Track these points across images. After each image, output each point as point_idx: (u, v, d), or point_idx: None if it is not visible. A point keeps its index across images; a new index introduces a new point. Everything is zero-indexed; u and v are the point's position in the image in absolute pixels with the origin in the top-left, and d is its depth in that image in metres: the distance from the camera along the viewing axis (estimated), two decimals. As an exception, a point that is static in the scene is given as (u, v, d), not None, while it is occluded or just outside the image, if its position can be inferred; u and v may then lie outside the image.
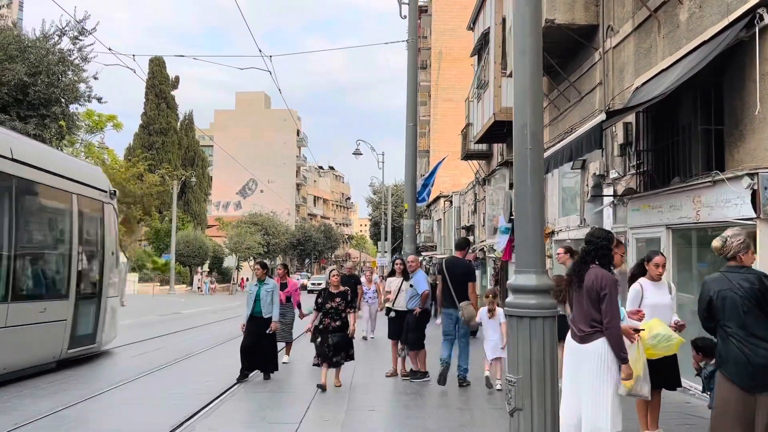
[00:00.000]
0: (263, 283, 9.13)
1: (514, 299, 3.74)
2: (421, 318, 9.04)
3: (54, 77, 17.99)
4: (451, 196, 33.56)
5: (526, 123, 3.80)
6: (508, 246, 17.69)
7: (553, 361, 3.62)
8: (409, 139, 15.36)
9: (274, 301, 9.11)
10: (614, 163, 11.14)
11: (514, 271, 3.88)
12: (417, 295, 8.99)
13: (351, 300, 8.46)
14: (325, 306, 8.28)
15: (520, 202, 3.86)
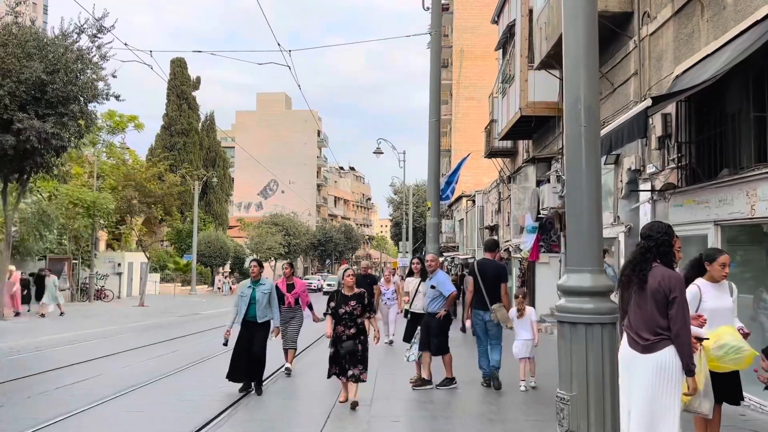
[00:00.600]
0: (258, 284, 8.09)
1: (566, 303, 3.20)
2: (445, 321, 8.47)
3: (72, 75, 17.75)
4: (473, 195, 32.92)
5: (579, 96, 3.26)
6: (535, 246, 17.06)
7: (614, 376, 3.08)
8: (432, 135, 14.82)
9: (273, 304, 8.15)
10: (651, 157, 10.50)
11: (565, 270, 3.34)
12: (440, 297, 8.39)
13: (368, 304, 7.32)
14: (337, 311, 7.16)
15: (573, 190, 3.32)
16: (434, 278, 8.52)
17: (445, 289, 8.40)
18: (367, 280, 12.53)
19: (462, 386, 8.42)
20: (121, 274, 36.98)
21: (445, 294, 8.37)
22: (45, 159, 18.60)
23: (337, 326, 7.16)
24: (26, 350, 12.27)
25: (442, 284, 8.44)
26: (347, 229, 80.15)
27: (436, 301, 8.42)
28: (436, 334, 8.34)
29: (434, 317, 8.36)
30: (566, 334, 3.14)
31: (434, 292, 8.43)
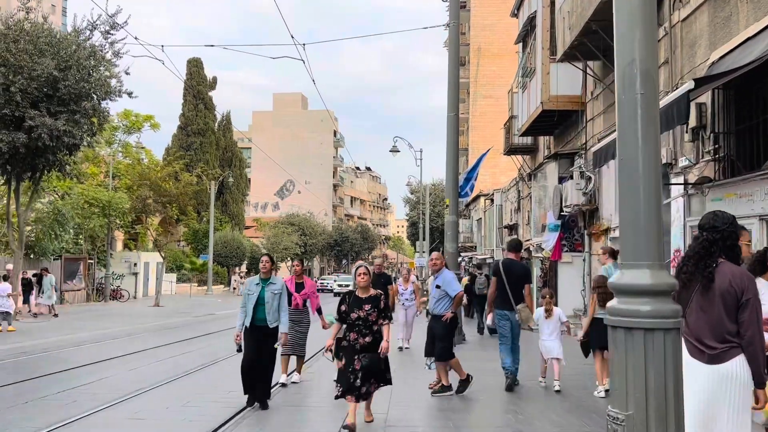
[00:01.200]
0: (268, 283, 7.04)
1: (619, 304, 2.69)
2: (451, 324, 7.88)
3: (84, 72, 17.51)
4: (491, 194, 32.29)
5: (634, 58, 2.76)
6: (558, 245, 16.48)
7: (678, 391, 2.56)
8: (450, 129, 14.31)
9: (283, 307, 7.05)
10: (684, 150, 9.90)
11: (619, 264, 2.84)
12: (446, 298, 7.83)
13: (384, 308, 6.17)
14: (350, 316, 6.06)
15: (626, 169, 2.82)
16: (439, 277, 8.00)
17: (451, 289, 7.84)
18: (380, 279, 11.51)
19: (484, 393, 7.92)
20: (137, 274, 36.90)
21: (451, 294, 7.82)
22: (57, 157, 18.39)
23: (348, 333, 6.08)
24: (34, 352, 11.97)
25: (448, 284, 7.87)
26: (363, 230, 79.75)
27: (441, 302, 7.86)
28: (440, 337, 7.80)
29: (439, 320, 7.80)
30: (620, 342, 2.63)
31: (440, 292, 7.89)
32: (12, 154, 16.92)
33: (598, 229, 14.38)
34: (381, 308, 6.14)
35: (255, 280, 7.14)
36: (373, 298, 6.15)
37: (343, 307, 6.14)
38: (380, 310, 6.13)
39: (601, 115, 14.38)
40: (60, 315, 21.43)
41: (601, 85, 14.29)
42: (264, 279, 7.11)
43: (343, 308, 6.14)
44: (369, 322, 6.06)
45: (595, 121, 14.89)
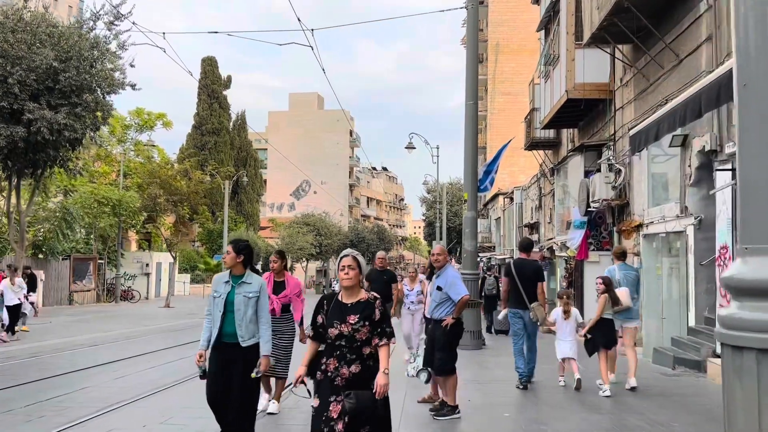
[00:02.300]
0: (240, 281, 5.00)
1: (741, 311, 1.73)
2: (453, 332, 6.60)
3: (86, 63, 16.80)
4: (511, 192, 31.21)
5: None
6: (584, 243, 15.41)
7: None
8: (468, 119, 13.35)
9: (263, 317, 5.02)
10: (732, 134, 8.85)
11: (737, 251, 1.87)
12: (448, 301, 6.62)
13: (381, 319, 4.09)
14: (327, 332, 4.07)
15: (753, 132, 1.85)
16: (441, 277, 6.72)
17: (454, 292, 6.57)
18: (383, 276, 9.90)
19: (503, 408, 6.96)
20: (149, 275, 36.37)
21: (455, 298, 6.55)
22: (59, 153, 17.71)
23: (328, 359, 4.02)
24: (21, 357, 11.20)
25: (451, 285, 6.60)
26: (380, 230, 78.80)
27: (443, 305, 6.66)
28: (440, 346, 6.55)
29: (440, 325, 6.59)
30: (745, 366, 1.67)
31: (441, 294, 6.66)
32: (11, 149, 16.26)
33: (629, 225, 13.31)
34: (376, 320, 4.05)
35: (224, 276, 5.10)
36: (363, 306, 4.07)
37: (320, 318, 4.12)
38: (374, 323, 4.04)
39: (632, 103, 13.33)
40: (64, 316, 20.77)
41: (632, 70, 13.24)
42: (235, 276, 5.02)
43: (319, 320, 4.12)
44: (356, 342, 4.00)
45: (624, 110, 13.83)
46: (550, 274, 21.09)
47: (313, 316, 4.16)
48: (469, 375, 8.79)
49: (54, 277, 26.53)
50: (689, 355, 9.40)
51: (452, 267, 7.04)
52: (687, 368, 9.19)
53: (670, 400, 7.37)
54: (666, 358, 9.81)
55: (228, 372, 4.88)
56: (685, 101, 6.09)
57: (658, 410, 6.83)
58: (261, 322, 5.02)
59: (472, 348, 12.34)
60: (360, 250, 72.62)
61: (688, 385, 8.29)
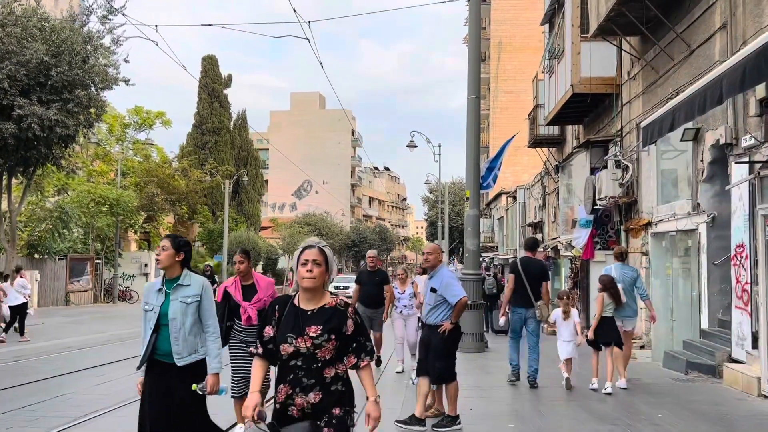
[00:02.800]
0: (176, 284, 4.03)
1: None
2: (452, 337, 6.09)
3: (78, 58, 16.37)
4: (514, 191, 30.75)
5: None
6: (590, 242, 14.94)
7: None
8: (471, 114, 12.89)
9: (208, 326, 4.07)
10: (749, 127, 8.39)
11: None
12: (444, 304, 6.06)
13: (356, 332, 3.14)
14: (281, 349, 3.08)
15: None
16: (435, 278, 6.16)
17: (450, 294, 6.01)
18: (375, 278, 9.21)
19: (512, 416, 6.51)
20: (147, 275, 35.94)
21: (451, 300, 6.00)
22: (52, 150, 17.30)
23: (279, 384, 3.06)
24: (4, 360, 10.76)
25: (447, 286, 6.04)
26: (382, 230, 78.44)
27: (439, 309, 6.11)
28: (437, 355, 6.03)
29: (436, 331, 6.06)
30: None
31: (436, 297, 6.11)
32: (1, 146, 15.84)
33: (637, 224, 12.84)
34: (348, 333, 3.06)
35: (156, 284, 4.08)
36: (329, 314, 3.06)
37: (269, 329, 3.12)
38: (345, 337, 3.05)
39: (640, 97, 12.86)
40: (59, 317, 20.34)
41: (640, 62, 12.77)
42: (170, 280, 4.02)
43: (268, 332, 3.12)
44: (317, 363, 2.99)
45: (632, 104, 13.36)
46: (555, 274, 20.63)
47: (260, 326, 3.17)
48: (472, 381, 8.34)
49: (50, 277, 26.12)
50: (703, 360, 8.93)
51: (446, 267, 6.47)
52: (701, 373, 8.73)
53: (685, 408, 6.91)
54: (678, 362, 9.34)
55: (164, 397, 3.86)
56: (704, 87, 5.62)
57: (673, 419, 6.38)
58: (207, 333, 4.02)
59: (474, 351, 11.89)
60: (362, 250, 72.34)
61: (703, 392, 7.83)
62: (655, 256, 12.10)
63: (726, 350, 8.58)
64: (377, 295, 9.28)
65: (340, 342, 3.05)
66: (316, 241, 3.18)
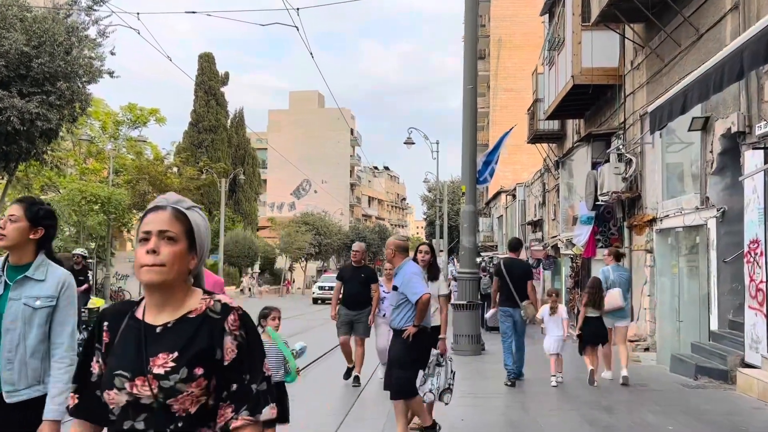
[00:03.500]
0: (23, 276, 2.64)
1: None
2: (416, 344, 5.20)
3: (60, 49, 15.79)
4: (513, 189, 30.18)
5: None
6: (591, 239, 14.36)
7: None
8: (466, 104, 12.31)
9: (58, 344, 2.66)
10: (763, 113, 7.80)
11: None
12: (407, 304, 5.26)
13: (239, 361, 1.67)
14: (106, 396, 1.67)
15: None
16: (399, 274, 5.39)
17: (410, 292, 5.19)
18: (360, 274, 8.15)
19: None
20: (141, 275, 35.38)
21: (412, 299, 5.18)
22: (35, 145, 16.71)
23: None
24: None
25: (407, 283, 5.22)
26: (381, 230, 77.81)
27: (401, 310, 5.30)
28: (394, 362, 5.25)
29: (399, 336, 5.25)
30: None
31: (398, 295, 5.41)
32: (-20, 140, 15.27)
33: (641, 220, 12.25)
34: (226, 364, 1.68)
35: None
36: (192, 328, 1.70)
37: (95, 365, 1.76)
38: (220, 369, 1.68)
39: (644, 87, 12.27)
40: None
41: (645, 51, 12.18)
42: (16, 267, 2.69)
43: (94, 369, 1.77)
44: (173, 423, 1.64)
45: (636, 95, 12.77)
46: (555, 274, 20.05)
47: (80, 360, 1.81)
48: (466, 387, 7.73)
49: (38, 277, 25.54)
50: (713, 364, 8.33)
51: (411, 262, 5.56)
52: (711, 378, 8.12)
53: (698, 418, 6.31)
54: (686, 366, 8.74)
55: None
56: (721, 61, 5.03)
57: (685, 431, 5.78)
58: (54, 356, 2.64)
59: (470, 353, 11.31)
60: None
61: (715, 400, 7.23)
62: (660, 253, 11.50)
63: (739, 354, 7.98)
64: (362, 294, 8.02)
65: (209, 377, 1.66)
66: (173, 200, 1.81)
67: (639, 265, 12.57)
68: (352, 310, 8.12)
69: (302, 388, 6.41)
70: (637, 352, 11.71)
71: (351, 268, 8.45)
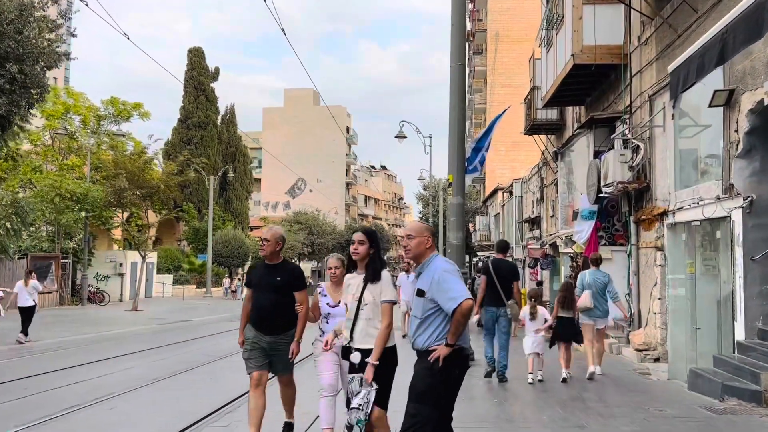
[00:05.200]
0: None
1: None
2: (444, 371, 3.77)
3: (10, 27, 14.39)
4: (510, 185, 28.82)
5: None
6: (593, 236, 12.99)
7: None
8: (454, 84, 10.93)
9: None
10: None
11: None
12: (437, 314, 3.84)
13: None
14: None
15: None
16: (425, 273, 3.98)
17: (444, 297, 3.81)
18: (275, 276, 5.25)
19: None
20: (123, 275, 33.96)
21: (447, 308, 3.80)
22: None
23: None
24: None
25: (440, 285, 3.84)
26: (378, 229, 76.41)
27: (429, 324, 3.89)
28: (412, 394, 3.88)
29: (425, 359, 3.85)
30: None
31: (425, 303, 3.90)
32: None
33: (650, 213, 10.88)
34: None
35: None
36: None
37: None
38: None
39: (653, 64, 10.90)
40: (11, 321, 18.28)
41: (654, 23, 10.81)
42: None
43: None
44: None
45: (643, 75, 11.40)
46: (554, 274, 18.68)
47: None
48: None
49: (7, 277, 24.11)
50: (743, 383, 6.94)
51: (440, 257, 4.06)
52: (742, 401, 6.74)
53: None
54: (710, 384, 7.36)
55: None
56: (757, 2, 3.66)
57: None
58: None
59: (457, 365, 9.92)
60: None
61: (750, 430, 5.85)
62: (672, 251, 10.14)
63: (774, 371, 6.62)
64: (277, 306, 5.18)
65: None
66: None
67: (648, 264, 11.20)
68: (264, 333, 5.21)
69: None
70: (647, 363, 10.35)
71: (264, 267, 5.36)
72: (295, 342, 5.19)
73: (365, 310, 4.36)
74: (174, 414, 6.50)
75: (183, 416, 6.24)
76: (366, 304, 4.37)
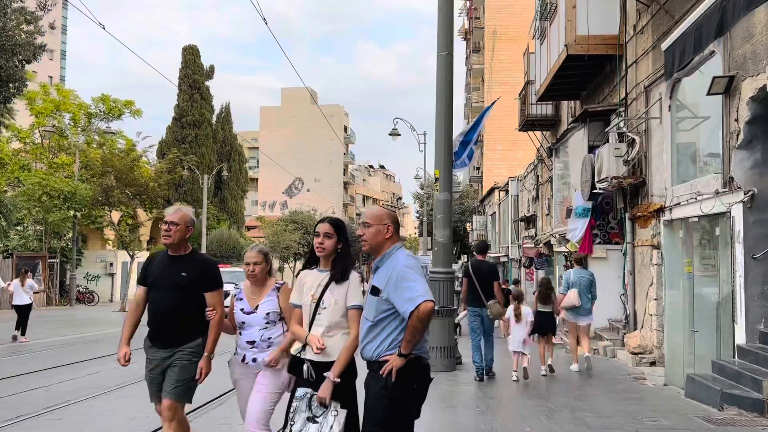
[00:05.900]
0: None
1: None
2: (399, 387, 3.17)
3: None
4: (506, 184, 28.34)
5: None
6: (588, 234, 12.50)
7: None
8: (441, 74, 10.41)
9: None
10: (812, 62, 5.92)
11: None
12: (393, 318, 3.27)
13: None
14: None
15: None
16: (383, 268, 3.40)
17: (401, 297, 3.21)
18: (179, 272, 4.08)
19: None
20: (113, 275, 33.48)
21: (403, 310, 3.18)
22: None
23: None
24: None
25: (399, 283, 3.23)
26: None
27: (381, 329, 3.32)
28: (367, 419, 3.30)
29: (376, 373, 3.28)
30: None
31: (379, 304, 3.32)
32: None
33: (646, 210, 10.37)
34: None
35: None
36: None
37: None
38: None
39: (649, 53, 10.40)
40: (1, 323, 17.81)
41: (650, 10, 10.30)
42: None
43: None
44: None
45: (639, 65, 10.90)
46: (549, 273, 18.16)
47: None
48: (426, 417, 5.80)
49: (-9, 277, 23.63)
50: (744, 390, 6.44)
51: (403, 250, 3.50)
52: (742, 410, 6.24)
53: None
54: (708, 391, 6.85)
55: None
56: None
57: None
58: None
59: (442, 369, 9.38)
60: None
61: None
62: (669, 249, 9.64)
63: (778, 377, 6.11)
64: (179, 311, 4.06)
65: None
66: None
67: (643, 263, 10.70)
68: (161, 347, 4.11)
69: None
70: (642, 367, 9.84)
71: (165, 260, 4.16)
72: (205, 357, 4.05)
73: (323, 315, 3.57)
74: (121, 426, 6.00)
75: (131, 429, 5.74)
76: (325, 308, 3.57)
